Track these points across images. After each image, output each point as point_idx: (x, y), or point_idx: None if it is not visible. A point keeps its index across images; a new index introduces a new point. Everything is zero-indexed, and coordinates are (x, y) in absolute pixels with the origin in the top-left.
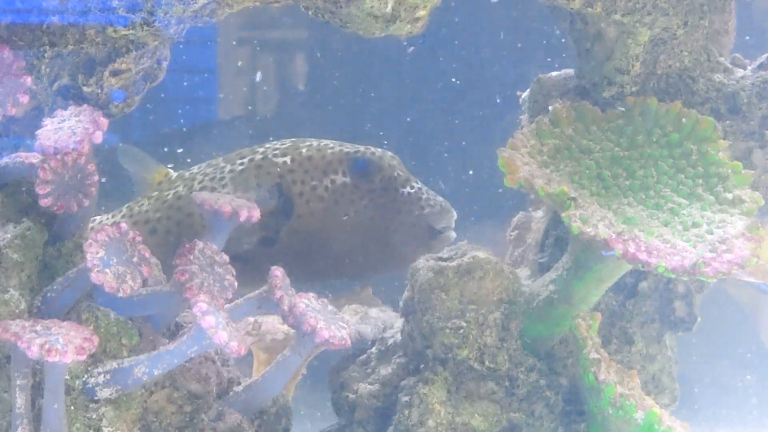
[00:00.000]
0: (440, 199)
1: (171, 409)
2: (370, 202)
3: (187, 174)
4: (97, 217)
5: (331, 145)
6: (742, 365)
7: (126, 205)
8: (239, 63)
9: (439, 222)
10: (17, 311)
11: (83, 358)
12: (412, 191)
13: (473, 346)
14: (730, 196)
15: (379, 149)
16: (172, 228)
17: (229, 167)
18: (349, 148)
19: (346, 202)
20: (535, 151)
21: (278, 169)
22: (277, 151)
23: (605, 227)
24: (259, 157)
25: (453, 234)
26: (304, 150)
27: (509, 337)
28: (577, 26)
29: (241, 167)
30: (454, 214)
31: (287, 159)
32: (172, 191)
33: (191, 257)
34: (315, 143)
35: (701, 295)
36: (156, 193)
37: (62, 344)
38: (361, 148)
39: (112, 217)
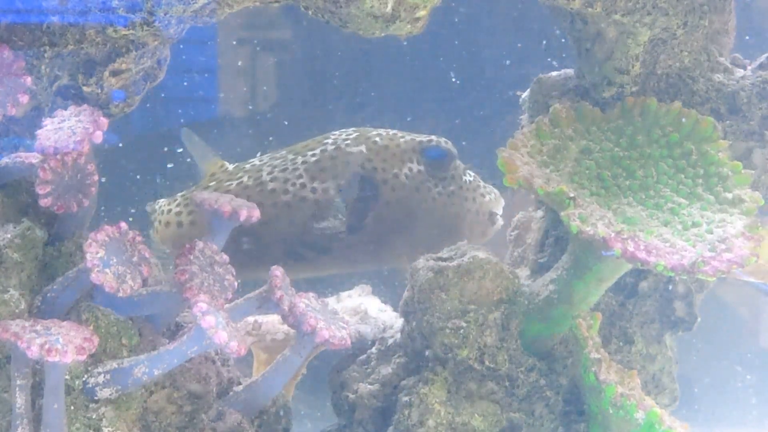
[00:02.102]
0: (491, 187)
1: (171, 409)
2: (444, 189)
3: (247, 166)
4: (161, 200)
5: (400, 134)
6: (742, 365)
7: (180, 194)
8: (239, 63)
9: (495, 208)
10: (17, 311)
11: (83, 358)
12: (471, 179)
13: (473, 346)
14: (730, 195)
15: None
16: None
17: (300, 158)
18: (420, 137)
19: (424, 189)
20: (534, 151)
21: (356, 159)
22: (348, 141)
23: (604, 226)
24: (331, 147)
25: (502, 221)
26: (377, 139)
27: (509, 337)
28: (577, 26)
29: (314, 158)
30: (503, 201)
31: (362, 148)
32: (235, 181)
33: (191, 257)
34: (383, 132)
35: (701, 295)
36: (213, 183)
37: (62, 344)
38: (432, 137)
39: (168, 204)
